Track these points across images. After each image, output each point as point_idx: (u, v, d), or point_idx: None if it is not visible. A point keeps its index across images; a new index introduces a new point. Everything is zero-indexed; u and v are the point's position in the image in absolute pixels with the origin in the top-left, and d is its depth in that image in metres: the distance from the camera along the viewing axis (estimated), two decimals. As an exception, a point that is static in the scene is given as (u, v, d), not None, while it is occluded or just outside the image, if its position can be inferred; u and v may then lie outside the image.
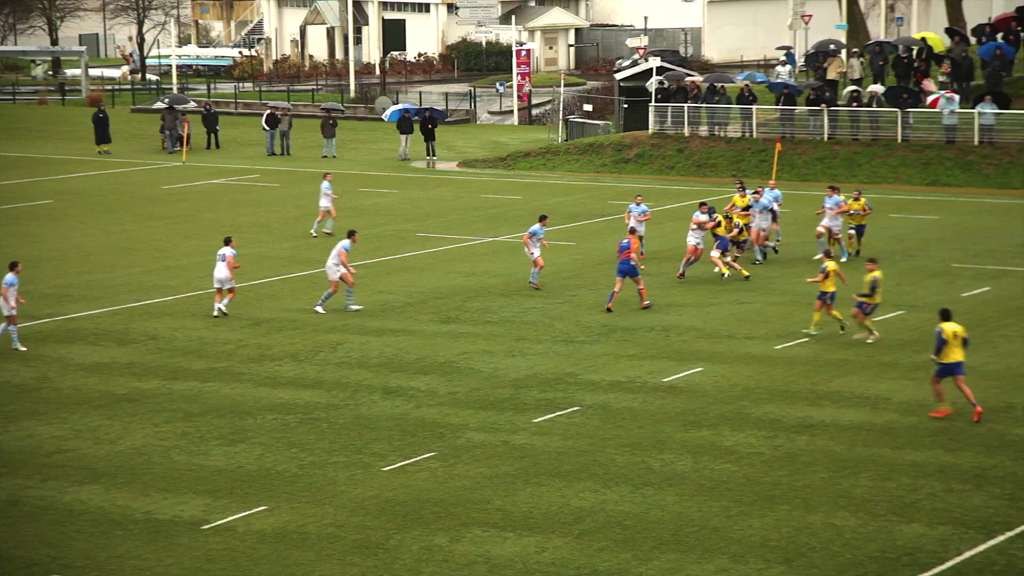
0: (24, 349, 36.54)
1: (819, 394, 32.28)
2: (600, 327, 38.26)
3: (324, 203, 51.52)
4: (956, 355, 30.03)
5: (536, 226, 42.37)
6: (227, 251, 39.63)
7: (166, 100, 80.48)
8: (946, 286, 42.49)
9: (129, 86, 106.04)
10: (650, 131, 68.43)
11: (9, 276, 36.79)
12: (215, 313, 39.67)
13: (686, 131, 67.61)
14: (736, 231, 43.53)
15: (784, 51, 78.29)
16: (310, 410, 31.51)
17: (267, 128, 75.55)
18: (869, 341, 36.16)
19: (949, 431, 29.69)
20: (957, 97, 63.15)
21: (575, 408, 31.42)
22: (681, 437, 29.48)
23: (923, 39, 69.69)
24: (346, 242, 40.16)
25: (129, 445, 29.36)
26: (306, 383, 33.59)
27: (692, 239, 43.14)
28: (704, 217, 43.00)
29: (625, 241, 39.79)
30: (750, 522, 24.97)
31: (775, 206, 45.77)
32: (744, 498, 26.07)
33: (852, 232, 46.14)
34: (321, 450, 28.91)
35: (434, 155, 71.80)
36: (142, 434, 30.04)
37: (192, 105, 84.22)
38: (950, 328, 30.02)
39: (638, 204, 45.73)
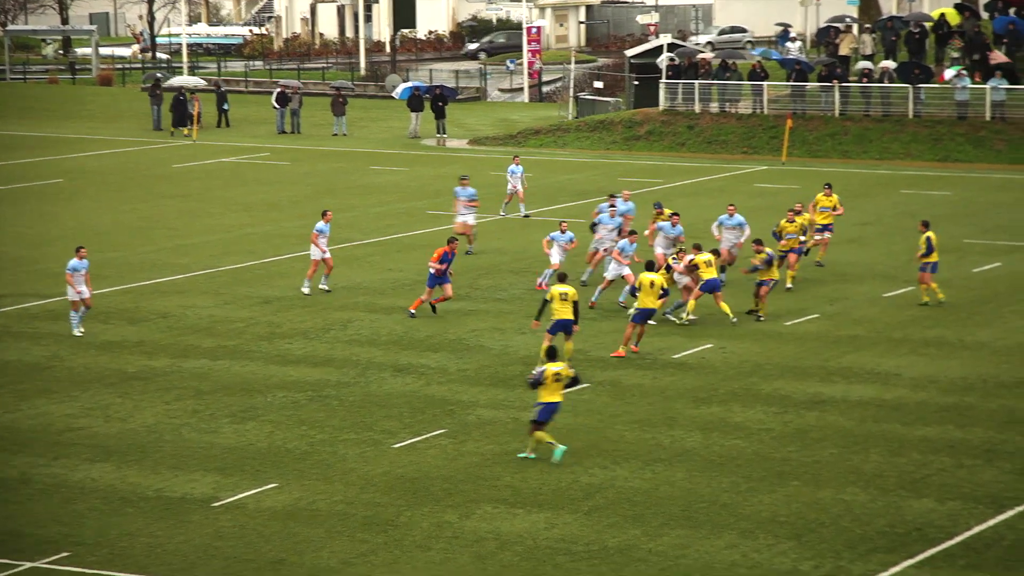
0: None
1: (829, 370, 32.27)
2: (611, 304, 38.19)
3: (515, 185, 50.41)
4: (650, 302, 33.39)
5: (624, 242, 37.27)
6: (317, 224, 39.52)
7: (148, 81, 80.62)
8: (957, 262, 42.40)
9: (140, 65, 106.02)
10: (661, 108, 68.31)
11: None
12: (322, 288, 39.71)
13: (697, 108, 67.47)
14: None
15: (783, 28, 77.94)
16: (320, 388, 31.54)
17: (277, 106, 75.50)
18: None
19: (959, 407, 29.68)
20: (964, 71, 62.97)
21: (585, 385, 31.42)
22: (691, 413, 29.48)
23: (942, 15, 69.41)
24: (624, 242, 36.94)
25: (140, 423, 29.42)
26: (316, 361, 33.62)
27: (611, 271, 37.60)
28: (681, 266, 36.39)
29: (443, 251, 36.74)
30: (760, 498, 24.98)
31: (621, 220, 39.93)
32: (754, 474, 26.08)
33: (820, 237, 41.23)
34: (331, 427, 28.95)
35: (444, 133, 71.72)
36: (152, 412, 30.10)
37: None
38: (647, 277, 33.51)
39: (563, 232, 38.72)
